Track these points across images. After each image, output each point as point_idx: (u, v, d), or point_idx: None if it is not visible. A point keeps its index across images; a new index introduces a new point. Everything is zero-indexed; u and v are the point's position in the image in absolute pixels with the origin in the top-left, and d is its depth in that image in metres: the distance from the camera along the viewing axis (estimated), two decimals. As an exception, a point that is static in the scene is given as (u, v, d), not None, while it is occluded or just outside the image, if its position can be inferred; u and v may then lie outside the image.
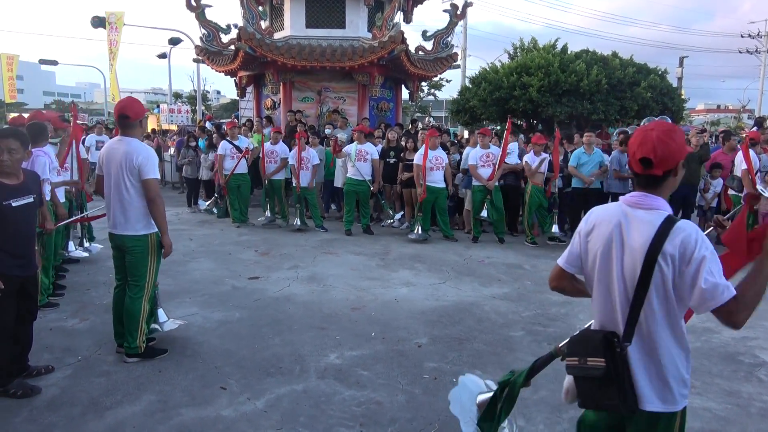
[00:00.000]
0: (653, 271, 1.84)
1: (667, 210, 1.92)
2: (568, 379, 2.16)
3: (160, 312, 4.37)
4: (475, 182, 8.39)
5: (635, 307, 1.89)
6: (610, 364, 1.89)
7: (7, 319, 3.44)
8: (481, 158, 8.33)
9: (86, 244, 6.93)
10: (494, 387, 2.61)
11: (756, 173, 7.59)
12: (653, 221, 1.88)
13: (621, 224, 1.95)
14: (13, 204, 3.37)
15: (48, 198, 5.07)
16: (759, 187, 6.97)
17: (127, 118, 3.90)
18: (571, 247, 2.16)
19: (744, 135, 13.48)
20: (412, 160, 9.01)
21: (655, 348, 1.91)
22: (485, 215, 8.34)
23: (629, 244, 1.91)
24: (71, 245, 6.51)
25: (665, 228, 1.84)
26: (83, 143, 12.74)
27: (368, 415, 3.38)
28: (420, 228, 8.41)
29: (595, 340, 1.95)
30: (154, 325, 4.28)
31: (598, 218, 2.05)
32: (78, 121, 6.87)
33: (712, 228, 2.41)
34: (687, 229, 1.83)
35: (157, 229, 3.99)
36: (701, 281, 1.76)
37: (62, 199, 5.75)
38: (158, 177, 3.94)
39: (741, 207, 2.27)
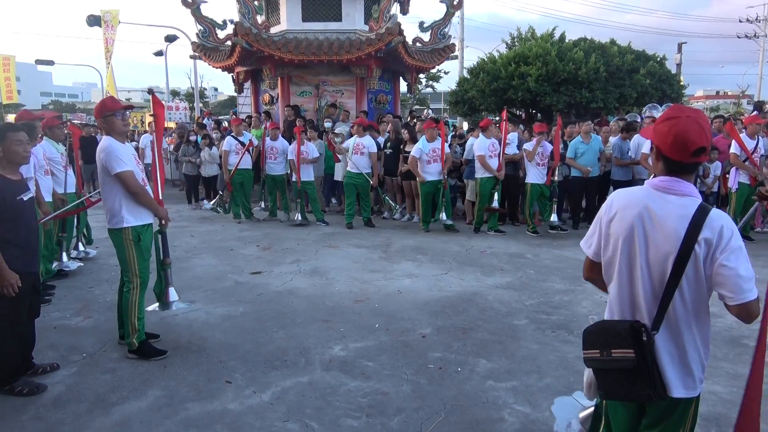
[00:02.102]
0: (689, 260, 1.80)
1: (698, 196, 1.87)
2: (588, 374, 2.11)
3: (172, 291, 4.40)
4: (483, 173, 8.29)
5: (667, 295, 1.85)
6: (639, 355, 1.85)
7: (22, 316, 3.49)
8: (488, 148, 8.31)
9: (81, 248, 6.85)
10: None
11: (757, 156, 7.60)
12: (687, 207, 1.84)
13: (649, 209, 1.89)
14: (24, 198, 3.47)
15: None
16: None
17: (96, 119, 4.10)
18: (594, 234, 2.08)
19: (743, 120, 13.45)
20: (410, 152, 9.00)
21: (680, 334, 1.90)
22: (497, 205, 8.39)
23: (660, 231, 1.86)
24: (64, 256, 6.26)
25: (700, 216, 1.80)
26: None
27: (374, 405, 3.39)
28: (444, 214, 8.43)
29: (620, 330, 1.89)
30: (156, 305, 4.30)
31: (621, 202, 1.97)
32: (75, 122, 6.83)
33: (757, 203, 2.39)
34: (724, 217, 1.82)
35: (133, 224, 3.95)
36: (738, 270, 1.76)
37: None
38: (126, 169, 3.86)
39: None
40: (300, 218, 9.09)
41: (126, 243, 3.96)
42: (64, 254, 6.19)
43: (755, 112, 9.46)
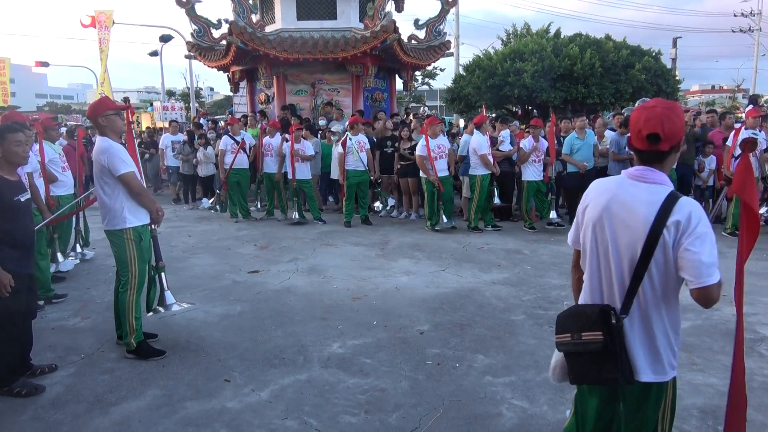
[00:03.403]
0: (657, 244, 1.85)
1: (670, 185, 1.93)
2: (556, 357, 2.16)
3: (168, 294, 4.38)
4: (483, 171, 8.24)
5: (636, 279, 1.90)
6: (608, 337, 1.89)
7: (17, 318, 3.49)
8: (487, 146, 8.31)
9: (78, 249, 6.86)
10: None
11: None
12: (657, 194, 1.89)
13: (620, 196, 1.95)
14: (22, 199, 3.48)
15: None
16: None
17: (90, 118, 4.05)
18: (574, 224, 2.17)
19: (740, 114, 13.44)
20: (407, 149, 9.01)
21: (649, 319, 1.94)
22: (498, 201, 8.43)
23: (631, 217, 1.91)
24: (59, 257, 6.20)
25: (670, 202, 1.86)
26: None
27: (372, 402, 3.40)
28: (444, 217, 8.39)
29: (590, 314, 1.95)
30: (158, 307, 4.30)
31: (596, 191, 2.05)
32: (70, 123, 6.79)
33: (725, 188, 2.44)
34: (693, 204, 1.86)
35: (135, 225, 3.97)
36: (699, 255, 1.79)
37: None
38: (129, 170, 3.89)
39: (741, 155, 2.27)
40: (297, 217, 9.09)
41: (127, 243, 3.96)
42: (59, 254, 6.17)
43: (750, 106, 9.49)
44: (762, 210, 8.19)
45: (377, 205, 9.78)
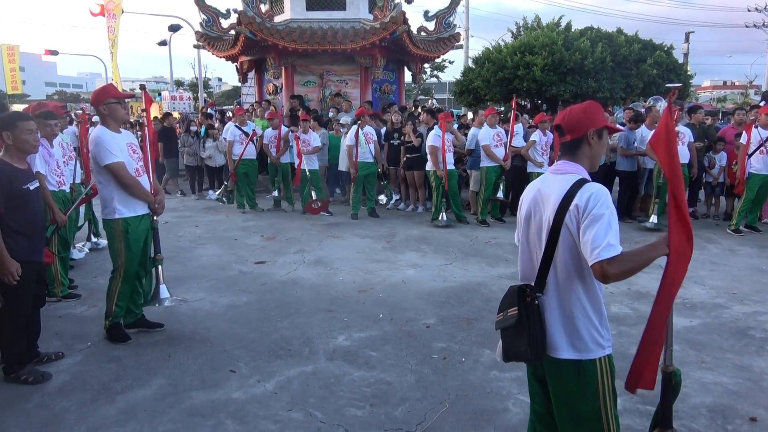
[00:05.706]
0: (562, 226, 1.97)
1: (582, 174, 2.05)
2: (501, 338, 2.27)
3: (163, 288, 4.34)
4: (489, 163, 8.22)
5: (546, 259, 2.04)
6: (523, 312, 2.03)
7: (26, 306, 3.50)
8: (493, 138, 8.25)
9: (93, 239, 6.90)
10: None
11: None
12: (567, 182, 2.02)
13: (542, 190, 2.11)
14: (31, 187, 3.49)
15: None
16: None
17: (93, 105, 4.07)
18: (517, 224, 2.29)
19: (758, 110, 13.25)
20: (411, 142, 8.96)
21: (566, 297, 2.04)
22: (501, 196, 8.35)
23: (546, 204, 2.06)
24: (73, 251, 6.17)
25: (575, 187, 1.97)
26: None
27: (378, 395, 3.39)
28: (444, 214, 8.30)
29: (513, 292, 2.11)
30: (153, 302, 4.30)
31: (527, 189, 2.23)
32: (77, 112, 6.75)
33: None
34: (595, 188, 1.95)
35: (125, 216, 3.98)
36: (590, 234, 1.87)
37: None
38: (115, 160, 3.84)
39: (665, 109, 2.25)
40: (315, 197, 9.05)
41: (115, 234, 3.99)
42: (73, 248, 6.17)
43: (763, 102, 9.36)
44: None
45: (381, 197, 9.76)
